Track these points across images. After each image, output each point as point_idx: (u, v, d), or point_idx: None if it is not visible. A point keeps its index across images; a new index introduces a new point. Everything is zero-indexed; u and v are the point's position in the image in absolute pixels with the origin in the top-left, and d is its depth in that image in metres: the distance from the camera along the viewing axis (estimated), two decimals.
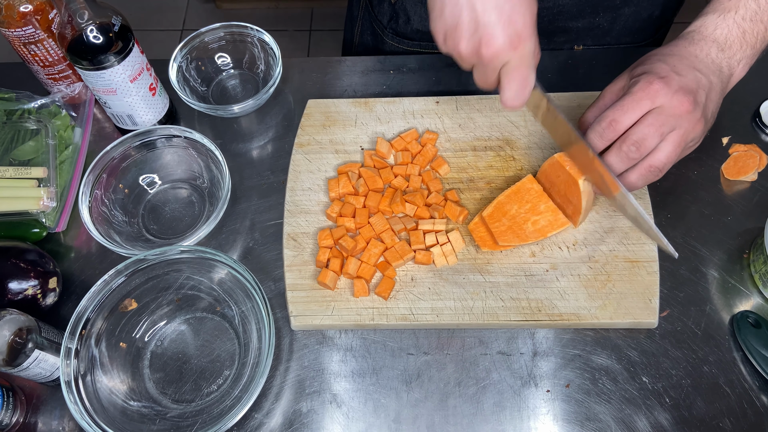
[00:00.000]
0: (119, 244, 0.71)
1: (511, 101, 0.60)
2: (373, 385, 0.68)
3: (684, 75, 0.61)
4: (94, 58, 0.72)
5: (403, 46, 0.98)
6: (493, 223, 0.72)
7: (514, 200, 0.73)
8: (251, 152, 0.84)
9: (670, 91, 0.59)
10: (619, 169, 0.62)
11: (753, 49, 0.65)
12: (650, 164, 0.61)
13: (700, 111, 0.61)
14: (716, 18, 0.64)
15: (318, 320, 0.70)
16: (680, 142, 0.60)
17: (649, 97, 0.60)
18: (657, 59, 0.63)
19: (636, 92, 0.61)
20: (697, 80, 0.61)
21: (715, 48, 0.64)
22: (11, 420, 0.66)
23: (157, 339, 0.71)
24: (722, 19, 0.64)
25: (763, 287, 0.71)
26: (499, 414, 0.66)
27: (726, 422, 0.65)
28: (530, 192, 0.73)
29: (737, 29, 0.64)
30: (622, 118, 0.60)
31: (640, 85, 0.61)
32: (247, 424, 0.67)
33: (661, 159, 0.61)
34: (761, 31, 0.64)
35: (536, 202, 0.73)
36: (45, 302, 0.70)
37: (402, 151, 0.80)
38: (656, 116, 0.60)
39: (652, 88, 0.60)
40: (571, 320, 0.69)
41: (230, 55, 0.89)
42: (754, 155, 0.78)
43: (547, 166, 0.72)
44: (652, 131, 0.60)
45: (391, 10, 0.96)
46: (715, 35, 0.64)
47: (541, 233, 0.72)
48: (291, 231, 0.76)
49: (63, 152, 0.82)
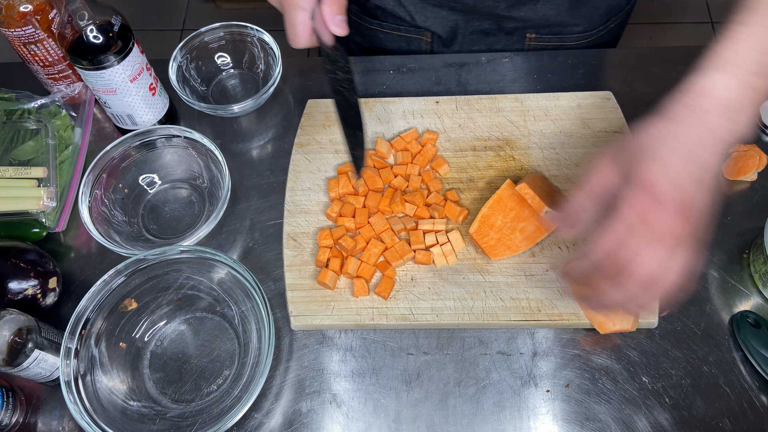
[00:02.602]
0: (119, 244, 0.72)
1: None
2: (373, 385, 0.68)
3: (679, 181, 0.52)
4: (94, 58, 0.72)
5: (364, 23, 0.97)
6: (482, 239, 0.72)
7: (498, 211, 0.72)
8: (251, 152, 0.84)
9: (662, 211, 0.51)
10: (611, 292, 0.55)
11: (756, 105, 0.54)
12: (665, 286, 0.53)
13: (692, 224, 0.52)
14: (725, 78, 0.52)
15: (318, 320, 0.70)
16: (686, 255, 0.53)
17: (638, 216, 0.52)
18: (649, 156, 0.52)
19: (624, 210, 0.52)
20: (694, 182, 0.52)
21: (723, 117, 0.52)
22: (11, 420, 0.66)
23: (157, 339, 0.71)
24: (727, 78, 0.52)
25: (763, 287, 0.71)
26: (499, 414, 0.66)
27: (726, 422, 0.65)
28: (511, 199, 0.73)
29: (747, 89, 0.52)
30: (620, 252, 0.53)
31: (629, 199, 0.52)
32: (247, 424, 0.67)
33: (673, 279, 0.53)
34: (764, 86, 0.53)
35: (519, 208, 0.72)
36: (45, 302, 0.70)
37: (402, 151, 0.80)
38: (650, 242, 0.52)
39: (641, 207, 0.52)
40: (571, 320, 0.69)
41: (230, 55, 0.89)
42: (754, 155, 0.78)
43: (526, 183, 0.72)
44: (647, 259, 0.52)
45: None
46: (728, 101, 0.52)
47: (531, 240, 0.71)
48: (291, 231, 0.76)
49: (63, 152, 0.82)
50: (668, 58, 0.88)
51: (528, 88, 0.87)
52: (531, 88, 0.87)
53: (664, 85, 0.53)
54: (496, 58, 0.90)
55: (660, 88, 0.86)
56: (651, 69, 0.87)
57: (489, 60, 0.89)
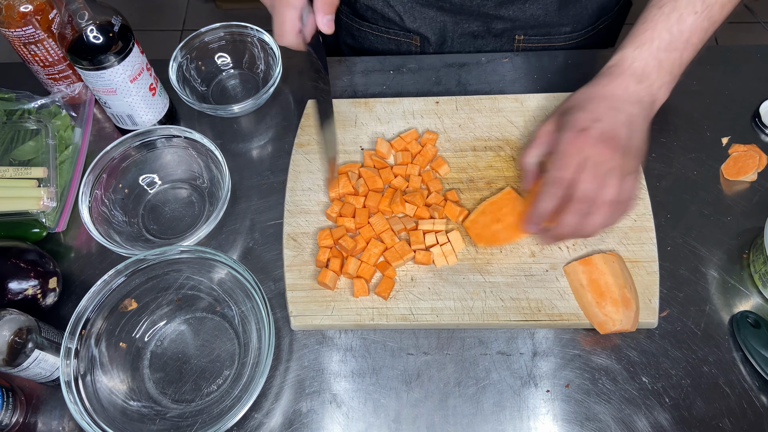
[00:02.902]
0: (119, 244, 0.72)
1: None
2: (373, 385, 0.68)
3: (603, 119, 0.65)
4: (94, 58, 0.72)
5: (355, 24, 0.97)
6: (472, 225, 0.74)
7: (493, 210, 0.74)
8: (251, 152, 0.84)
9: (592, 142, 0.64)
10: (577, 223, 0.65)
11: (671, 74, 0.68)
12: (603, 201, 0.64)
13: (624, 147, 0.64)
14: (633, 51, 0.68)
15: (318, 320, 0.70)
16: (619, 176, 0.63)
17: (577, 152, 0.64)
18: (578, 108, 0.67)
19: (565, 150, 0.65)
20: (617, 120, 0.65)
21: (633, 81, 0.67)
22: (11, 420, 0.66)
23: (157, 339, 0.71)
24: (639, 52, 0.68)
25: (762, 287, 0.71)
26: (499, 414, 0.66)
27: (726, 422, 0.65)
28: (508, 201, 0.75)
29: (653, 60, 0.67)
30: (564, 176, 0.64)
31: (566, 140, 0.65)
32: (247, 424, 0.67)
33: (611, 194, 0.63)
34: (676, 58, 0.68)
35: (512, 206, 0.74)
36: (45, 302, 0.70)
37: (402, 151, 0.80)
38: (590, 169, 0.63)
39: (576, 143, 0.64)
40: (571, 320, 0.69)
41: (230, 55, 0.89)
42: (754, 155, 0.78)
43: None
44: (594, 186, 0.63)
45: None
46: (633, 68, 0.68)
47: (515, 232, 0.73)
48: (291, 231, 0.76)
49: (63, 152, 0.82)
50: None
51: (528, 88, 0.87)
52: (531, 88, 0.87)
53: None
54: (496, 59, 0.90)
55: None
56: None
57: (489, 60, 0.89)
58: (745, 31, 2.14)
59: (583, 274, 0.69)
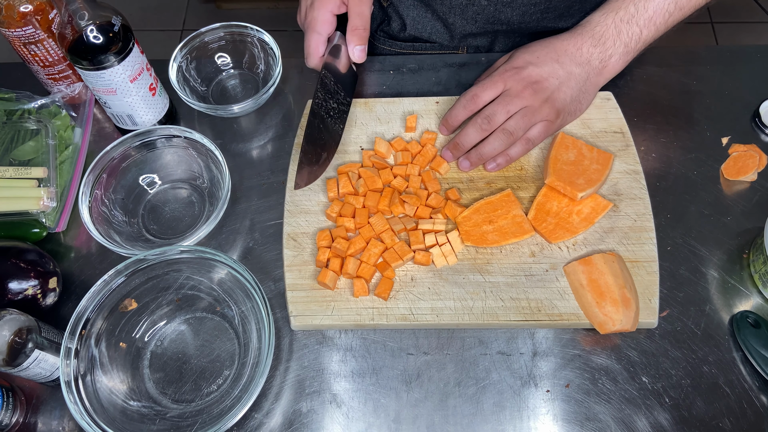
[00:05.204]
0: (119, 244, 0.72)
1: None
2: (373, 385, 0.68)
3: (539, 65, 0.73)
4: (94, 58, 0.72)
5: (396, 48, 0.97)
6: (463, 220, 0.74)
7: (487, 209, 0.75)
8: (251, 152, 0.84)
9: (518, 78, 0.73)
10: (476, 138, 0.74)
11: (627, 47, 0.74)
12: (503, 128, 0.73)
13: (544, 96, 0.73)
14: (599, 16, 0.75)
15: (318, 320, 0.70)
16: (528, 116, 0.72)
17: (502, 81, 0.73)
18: (525, 50, 0.76)
19: (494, 76, 0.74)
20: (552, 71, 0.73)
21: (589, 42, 0.74)
22: (11, 420, 0.66)
23: (157, 339, 0.71)
24: (604, 17, 0.74)
25: (762, 287, 0.71)
26: (499, 414, 0.66)
27: (726, 422, 0.65)
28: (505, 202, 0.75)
29: (614, 28, 0.74)
30: (481, 94, 0.73)
31: (499, 71, 0.75)
32: (247, 424, 0.67)
33: (511, 124, 0.72)
34: (636, 33, 0.73)
35: (507, 207, 0.74)
36: (45, 302, 0.70)
37: (402, 151, 0.80)
38: (504, 97, 0.73)
39: (505, 75, 0.74)
40: (571, 320, 0.69)
41: (230, 55, 0.89)
42: (754, 155, 0.78)
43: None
44: (500, 109, 0.72)
45: (382, 13, 0.95)
46: (594, 31, 0.74)
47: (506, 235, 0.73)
48: (291, 231, 0.76)
49: (63, 152, 0.82)
50: (668, 58, 0.88)
51: None
52: None
53: (664, 85, 0.54)
54: (496, 59, 0.89)
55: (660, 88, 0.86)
56: (651, 69, 0.87)
57: (489, 60, 0.89)
58: (745, 31, 2.14)
59: (583, 274, 0.69)
